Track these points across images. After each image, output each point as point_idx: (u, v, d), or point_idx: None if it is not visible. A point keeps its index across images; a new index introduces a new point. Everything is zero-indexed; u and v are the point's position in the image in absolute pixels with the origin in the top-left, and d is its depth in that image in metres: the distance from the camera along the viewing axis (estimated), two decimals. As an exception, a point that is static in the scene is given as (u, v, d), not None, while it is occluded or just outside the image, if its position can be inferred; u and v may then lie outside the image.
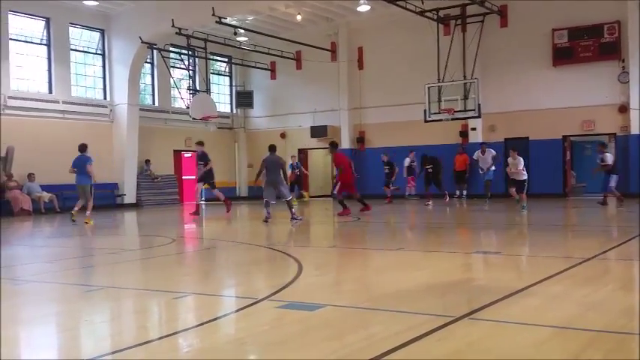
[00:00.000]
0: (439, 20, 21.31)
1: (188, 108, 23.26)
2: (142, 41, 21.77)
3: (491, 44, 21.78)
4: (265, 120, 27.66)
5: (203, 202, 23.30)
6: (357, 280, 6.47)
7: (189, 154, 25.24)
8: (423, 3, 20.13)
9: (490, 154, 19.92)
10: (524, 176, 15.22)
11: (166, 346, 3.99)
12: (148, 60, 24.04)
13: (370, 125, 25.02)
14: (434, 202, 19.32)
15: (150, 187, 23.71)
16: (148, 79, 24.88)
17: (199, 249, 10.52)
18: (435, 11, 20.94)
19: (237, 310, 5.04)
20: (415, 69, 22.85)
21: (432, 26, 21.19)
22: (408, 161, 21.76)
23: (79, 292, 6.04)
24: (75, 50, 22.17)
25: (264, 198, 13.56)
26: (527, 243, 9.90)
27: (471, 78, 20.77)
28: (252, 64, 26.68)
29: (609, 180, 16.52)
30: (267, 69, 27.00)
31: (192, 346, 4.07)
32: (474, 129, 22.49)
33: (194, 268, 8.19)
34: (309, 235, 12.38)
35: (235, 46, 25.55)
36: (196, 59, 24.47)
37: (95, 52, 22.98)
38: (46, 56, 21.20)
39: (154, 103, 24.91)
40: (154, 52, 23.57)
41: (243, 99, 27.64)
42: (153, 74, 24.86)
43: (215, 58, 26.58)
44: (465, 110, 20.56)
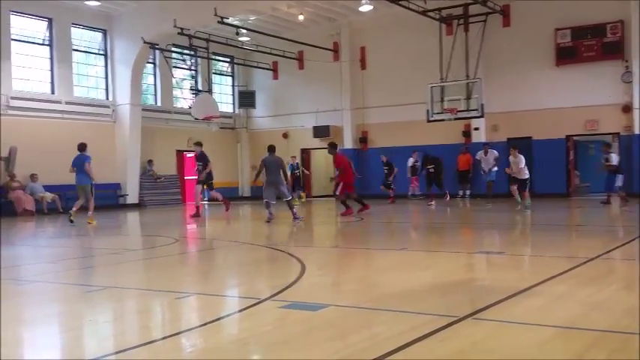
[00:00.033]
0: (442, 20, 21.30)
1: (190, 108, 23.29)
2: (144, 41, 21.80)
3: (494, 44, 21.76)
4: (268, 120, 27.65)
5: (205, 202, 23.28)
6: (360, 280, 6.46)
7: (191, 154, 25.21)
8: (425, 3, 20.16)
9: (492, 155, 19.90)
10: (525, 175, 15.17)
11: (169, 346, 3.98)
12: (150, 60, 24.05)
13: (373, 125, 25.00)
14: (436, 202, 19.31)
15: (152, 187, 23.73)
16: (150, 79, 24.90)
17: (202, 249, 10.52)
18: (438, 11, 20.93)
19: (240, 310, 5.03)
20: (418, 69, 22.82)
21: (435, 26, 21.20)
22: (411, 161, 21.78)
23: (81, 292, 6.04)
24: (77, 50, 22.22)
25: (264, 199, 13.56)
26: (530, 243, 9.89)
27: (474, 78, 20.73)
28: (255, 64, 26.71)
29: (614, 180, 16.47)
30: (270, 69, 27.01)
31: (195, 346, 4.07)
32: (476, 129, 22.45)
33: (197, 268, 8.18)
34: (311, 235, 12.37)
35: (237, 46, 25.57)
36: (198, 59, 24.47)
37: (97, 53, 23.02)
38: (49, 56, 21.25)
39: (156, 103, 24.93)
40: (156, 52, 23.59)
41: (245, 99, 27.63)
42: (155, 74, 24.88)
43: (217, 58, 26.59)
44: (468, 110, 20.52)
